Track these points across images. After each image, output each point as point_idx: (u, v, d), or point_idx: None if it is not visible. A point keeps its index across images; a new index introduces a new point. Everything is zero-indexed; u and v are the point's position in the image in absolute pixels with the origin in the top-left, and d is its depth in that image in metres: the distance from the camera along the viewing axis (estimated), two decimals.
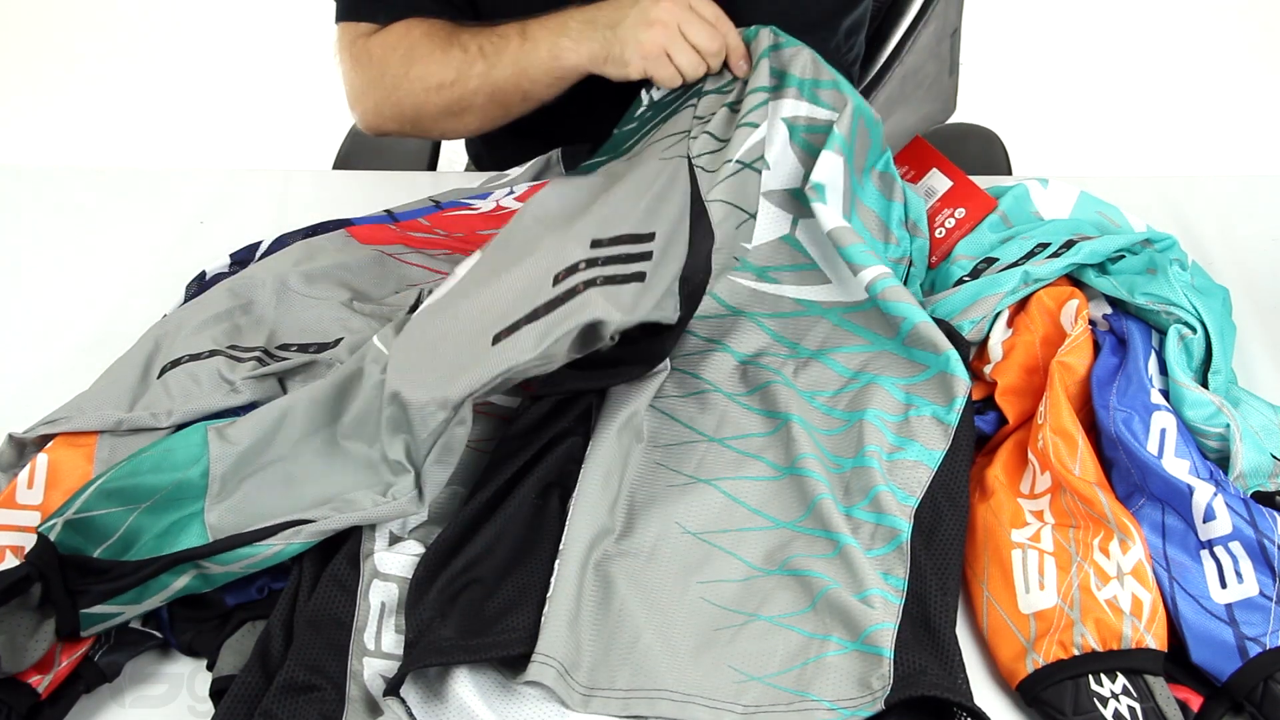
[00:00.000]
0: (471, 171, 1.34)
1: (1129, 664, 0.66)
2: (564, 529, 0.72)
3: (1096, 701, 0.65)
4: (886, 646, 0.66)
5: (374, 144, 1.33)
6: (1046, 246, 0.91)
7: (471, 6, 1.04)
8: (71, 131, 2.57)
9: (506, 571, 0.71)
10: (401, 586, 0.70)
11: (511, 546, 0.72)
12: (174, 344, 0.88)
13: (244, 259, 1.01)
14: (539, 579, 0.70)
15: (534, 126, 1.05)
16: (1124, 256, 0.91)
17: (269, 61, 2.66)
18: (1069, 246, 0.90)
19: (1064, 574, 0.71)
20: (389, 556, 0.71)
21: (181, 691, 0.72)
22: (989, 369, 0.85)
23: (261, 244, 1.02)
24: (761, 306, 0.89)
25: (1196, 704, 0.67)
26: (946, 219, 0.99)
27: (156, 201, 1.17)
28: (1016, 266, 0.89)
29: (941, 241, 0.97)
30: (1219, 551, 0.71)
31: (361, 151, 1.35)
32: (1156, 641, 0.67)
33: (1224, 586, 0.70)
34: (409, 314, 0.87)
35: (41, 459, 0.77)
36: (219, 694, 0.67)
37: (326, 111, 1.08)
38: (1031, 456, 0.78)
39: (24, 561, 0.68)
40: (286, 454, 0.75)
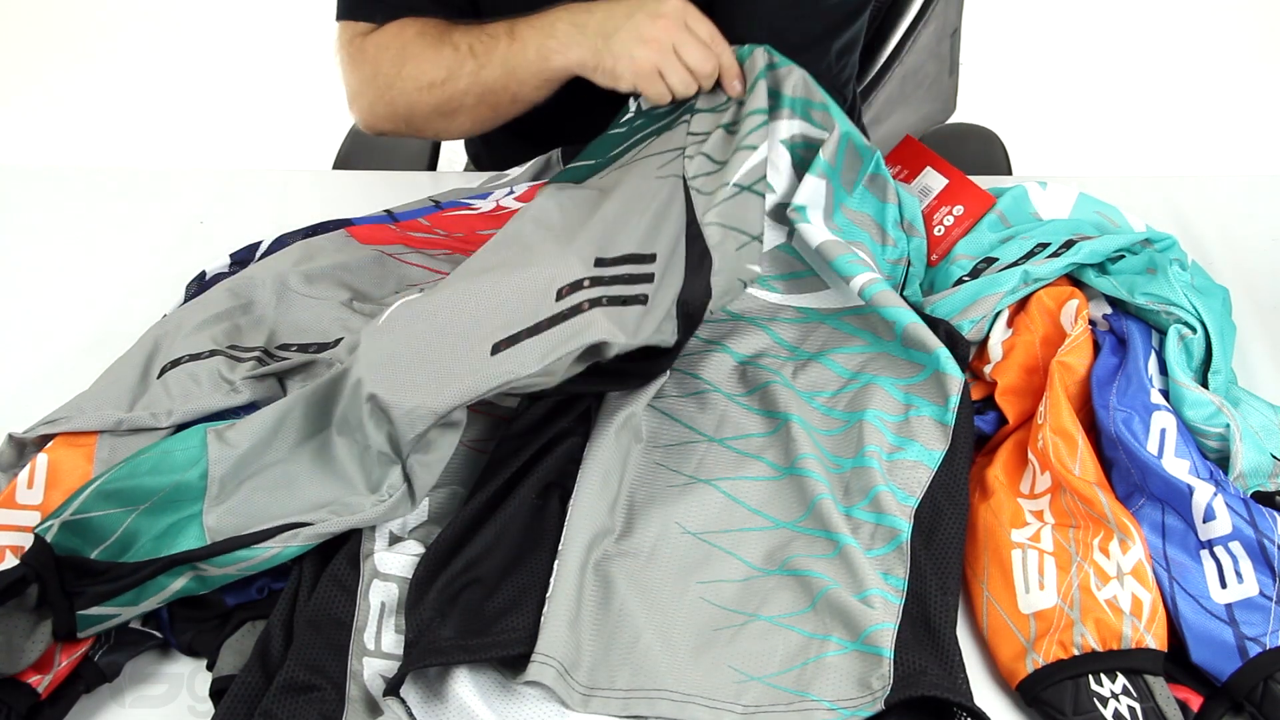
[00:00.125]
0: (471, 171, 1.34)
1: (1129, 664, 0.66)
2: (563, 529, 0.72)
3: (1096, 701, 0.65)
4: (886, 646, 0.66)
5: (374, 144, 1.33)
6: (1046, 246, 0.91)
7: (471, 5, 1.04)
8: (71, 131, 2.57)
9: (506, 571, 0.71)
10: (401, 586, 0.70)
11: (511, 546, 0.72)
12: (174, 344, 0.88)
13: (244, 259, 1.01)
14: (539, 579, 0.70)
15: (533, 127, 1.05)
16: (1124, 256, 0.91)
17: (269, 61, 2.66)
18: (1069, 246, 0.90)
19: (1064, 574, 0.71)
20: (389, 556, 0.71)
21: (181, 691, 0.72)
22: (989, 369, 0.85)
23: (261, 244, 1.02)
24: (762, 313, 0.89)
25: (1196, 704, 0.67)
26: (945, 216, 0.99)
27: (156, 201, 1.17)
28: (1016, 266, 0.89)
29: (941, 239, 0.97)
30: (1219, 551, 0.71)
31: (361, 151, 1.35)
32: (1156, 641, 0.67)
33: (1224, 586, 0.70)
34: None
35: (41, 459, 0.77)
36: (219, 694, 0.67)
37: (326, 111, 1.08)
38: (1031, 456, 0.78)
39: (20, 563, 0.67)
40: (284, 457, 0.75)
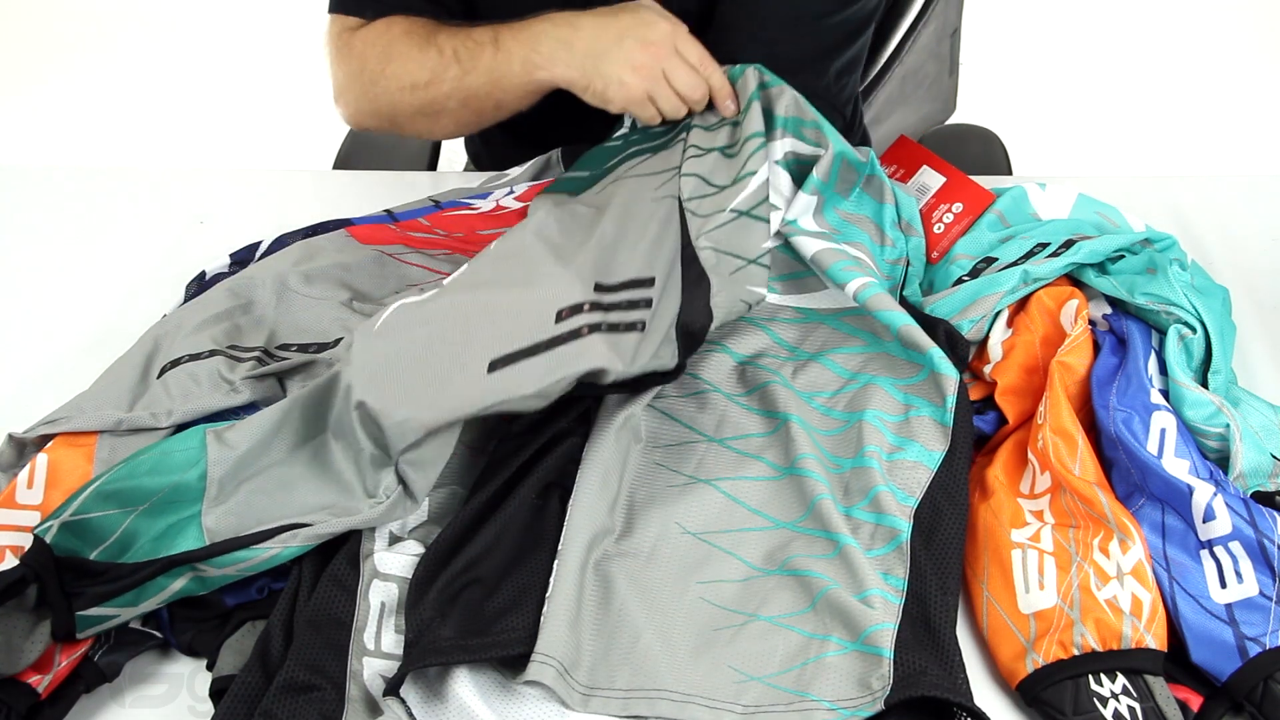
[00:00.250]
0: (471, 171, 1.34)
1: (1129, 664, 0.66)
2: (563, 529, 0.72)
3: (1096, 701, 0.65)
4: (886, 647, 0.66)
5: (374, 144, 1.33)
6: (1046, 246, 0.91)
7: (465, 5, 1.03)
8: (71, 131, 2.57)
9: (506, 571, 0.71)
10: (401, 586, 0.70)
11: (511, 546, 0.72)
12: (174, 344, 0.88)
13: (244, 259, 1.01)
14: (539, 579, 0.70)
15: (533, 128, 1.05)
16: (1124, 256, 0.91)
17: (269, 61, 2.66)
18: (1068, 246, 0.90)
19: (1064, 574, 0.71)
20: (389, 556, 0.71)
21: (181, 691, 0.72)
22: (989, 369, 0.85)
23: (261, 244, 1.02)
24: (762, 313, 0.89)
25: (1196, 704, 0.67)
26: (944, 214, 0.98)
27: (156, 201, 1.17)
28: (1016, 266, 0.89)
29: (941, 237, 0.97)
30: (1219, 551, 0.71)
31: (361, 151, 1.35)
32: (1156, 641, 0.67)
33: (1224, 586, 0.70)
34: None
35: (41, 459, 0.77)
36: (219, 694, 0.67)
37: (326, 111, 1.08)
38: (1031, 456, 0.78)
39: (19, 563, 0.67)
40: (282, 460, 0.75)
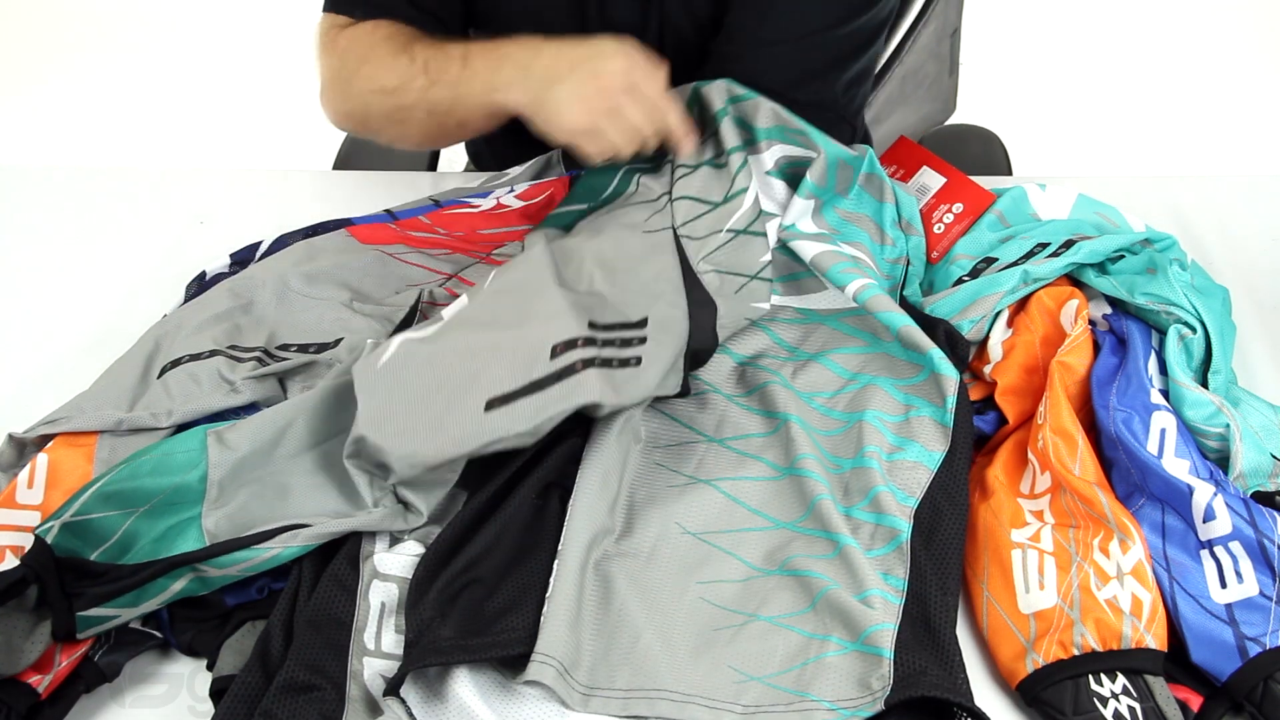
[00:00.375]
0: (471, 171, 1.34)
1: (1129, 664, 0.66)
2: (563, 529, 0.72)
3: (1096, 701, 0.65)
4: (886, 647, 0.66)
5: (374, 144, 1.32)
6: (1046, 246, 0.91)
7: (463, 15, 1.03)
8: (71, 131, 2.57)
9: (506, 571, 0.71)
10: (401, 587, 0.70)
11: (511, 546, 0.72)
12: (174, 344, 0.88)
13: (244, 259, 1.01)
14: (539, 579, 0.70)
15: (539, 137, 1.04)
16: (1124, 256, 0.91)
17: (269, 61, 2.65)
18: (1068, 246, 0.90)
19: (1064, 574, 0.71)
20: (389, 557, 0.71)
21: (181, 691, 0.72)
22: (989, 369, 0.85)
23: (261, 244, 1.02)
24: (762, 314, 0.89)
25: (1196, 704, 0.67)
26: (945, 214, 0.98)
27: (156, 201, 1.17)
28: (1016, 266, 0.89)
29: (941, 236, 0.97)
30: (1219, 551, 0.71)
31: (361, 151, 1.35)
32: (1156, 641, 0.67)
33: (1224, 586, 0.70)
34: (400, 327, 0.87)
35: (41, 459, 0.77)
36: (219, 694, 0.67)
37: None
38: (1031, 456, 0.78)
39: (20, 563, 0.67)
40: (284, 466, 0.75)
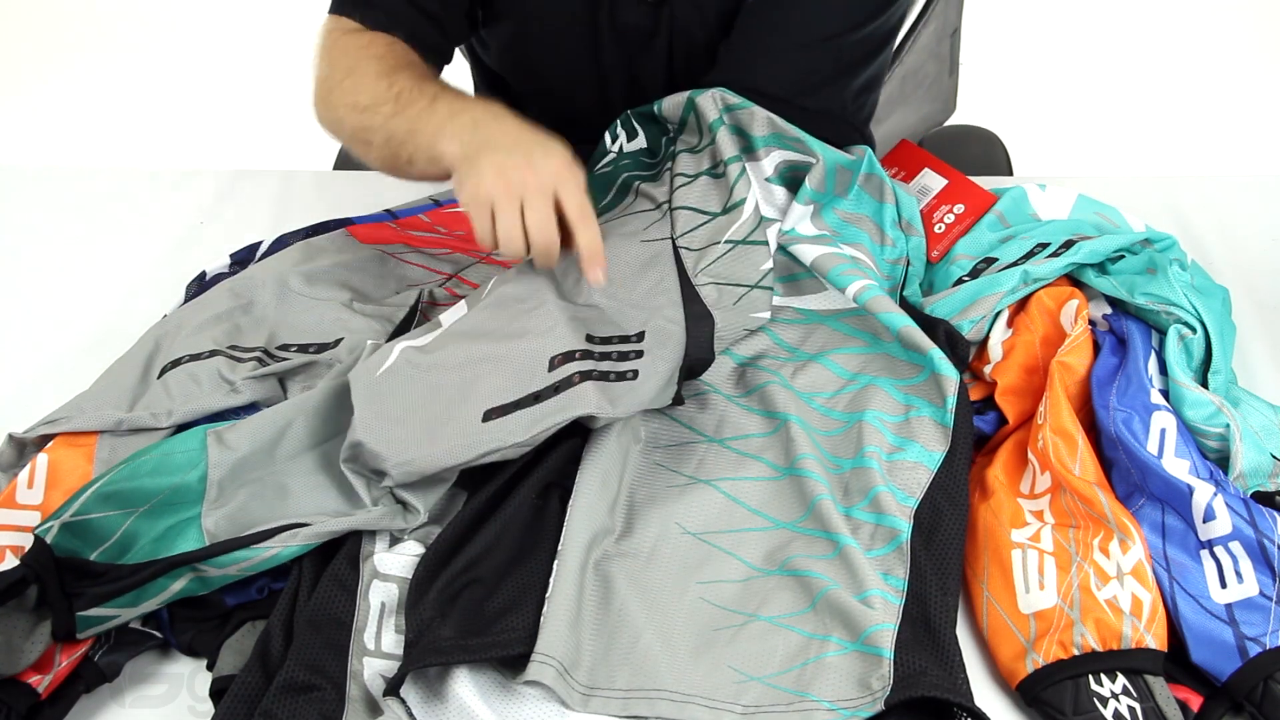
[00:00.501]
0: None
1: (1129, 664, 0.66)
2: (563, 529, 0.72)
3: (1096, 701, 0.65)
4: (886, 647, 0.66)
5: None
6: (1046, 246, 0.91)
7: (469, 9, 1.02)
8: (71, 131, 2.57)
9: (506, 571, 0.71)
10: (401, 586, 0.70)
11: (511, 546, 0.72)
12: (174, 344, 0.88)
13: (244, 259, 1.01)
14: (539, 579, 0.70)
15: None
16: (1124, 256, 0.91)
17: (269, 61, 2.65)
18: (1068, 246, 0.90)
19: (1064, 574, 0.71)
20: (389, 557, 0.71)
21: (181, 691, 0.72)
22: (989, 369, 0.85)
23: (261, 244, 1.02)
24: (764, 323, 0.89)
25: (1196, 704, 0.67)
26: (945, 214, 0.99)
27: (156, 201, 1.17)
28: (1016, 266, 0.89)
29: (942, 236, 0.97)
30: (1219, 551, 0.71)
31: None
32: (1156, 641, 0.67)
33: (1224, 586, 0.70)
34: (400, 327, 0.88)
35: (41, 459, 0.77)
36: (219, 694, 0.67)
37: None
38: (1031, 456, 0.78)
39: (20, 563, 0.68)
40: (284, 466, 0.75)
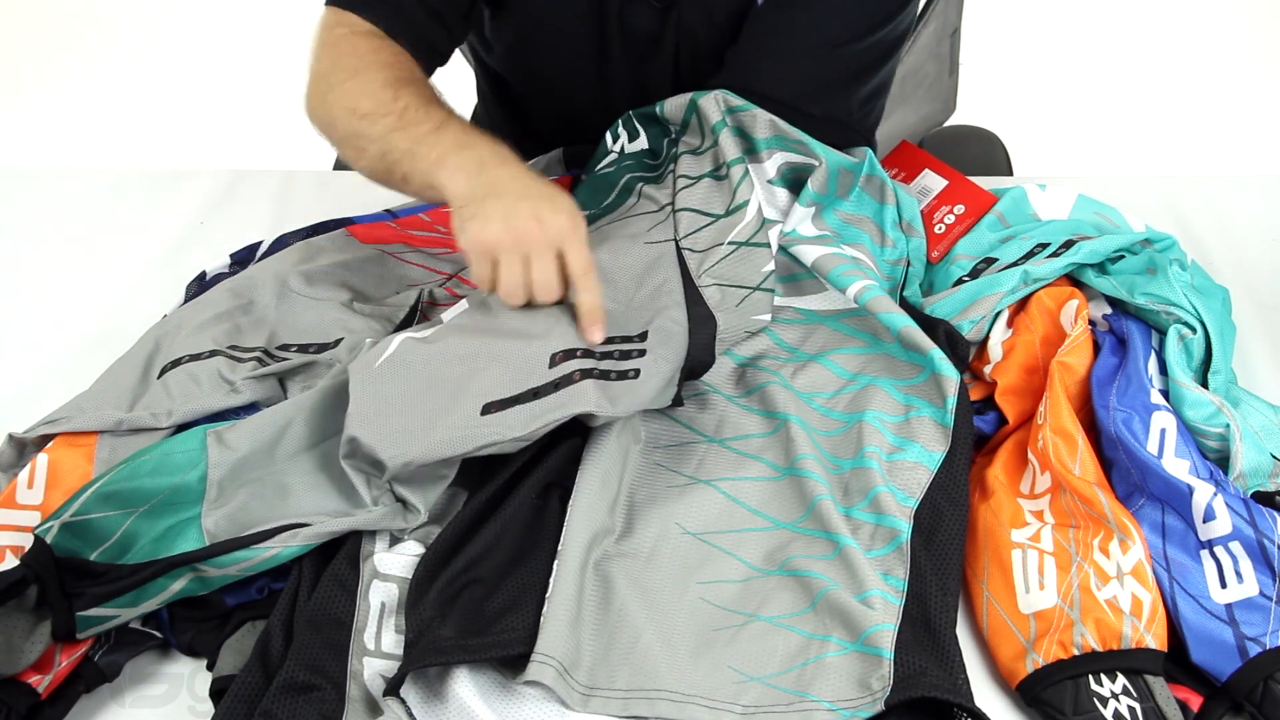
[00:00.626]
0: None
1: (1129, 664, 0.66)
2: (563, 529, 0.72)
3: (1096, 701, 0.65)
4: (886, 647, 0.66)
5: None
6: (1046, 246, 0.91)
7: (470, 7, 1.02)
8: (71, 131, 2.57)
9: (506, 571, 0.71)
10: (401, 586, 0.70)
11: (511, 546, 0.72)
12: (174, 344, 0.88)
13: (244, 259, 1.01)
14: (539, 579, 0.70)
15: (536, 128, 1.04)
16: (1124, 256, 0.91)
17: (269, 61, 2.65)
18: (1068, 246, 0.90)
19: (1064, 574, 0.71)
20: (389, 557, 0.71)
21: (181, 691, 0.72)
22: (989, 369, 0.85)
23: (261, 244, 1.02)
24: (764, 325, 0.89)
25: (1196, 704, 0.67)
26: (946, 215, 0.99)
27: (156, 201, 1.17)
28: (1016, 266, 0.89)
29: (942, 237, 0.97)
30: (1219, 551, 0.71)
31: None
32: (1156, 641, 0.67)
33: (1224, 586, 0.70)
34: (400, 327, 0.88)
35: (41, 459, 0.77)
36: (219, 694, 0.67)
37: None
38: (1031, 456, 0.78)
39: (20, 563, 0.67)
40: (284, 466, 0.75)
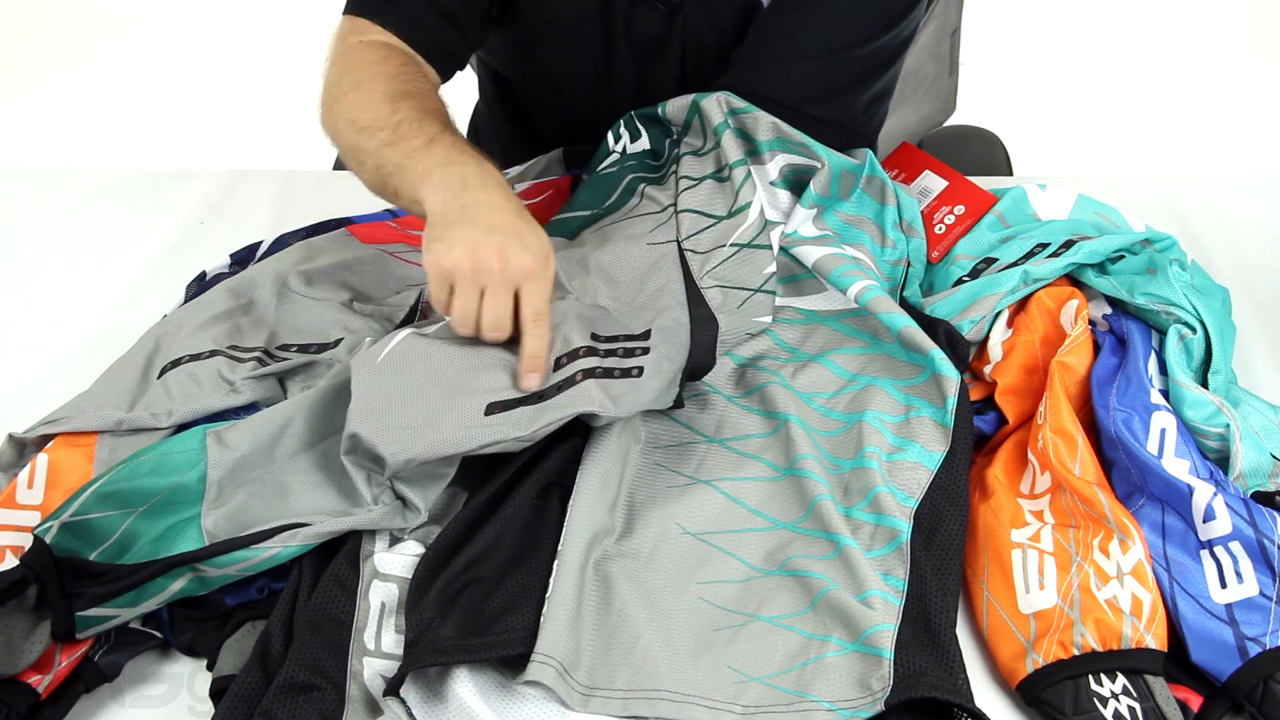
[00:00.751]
0: None
1: (1129, 664, 0.66)
2: (563, 529, 0.72)
3: (1096, 701, 0.65)
4: (886, 648, 0.66)
5: None
6: (1046, 246, 0.91)
7: (486, 9, 1.01)
8: (71, 131, 2.57)
9: (506, 571, 0.71)
10: (401, 586, 0.70)
11: (511, 546, 0.72)
12: (174, 344, 0.88)
13: (244, 259, 1.01)
14: (539, 579, 0.70)
15: (536, 129, 1.04)
16: (1124, 256, 0.91)
17: (269, 61, 2.65)
18: (1068, 246, 0.90)
19: (1064, 574, 0.71)
20: (389, 557, 0.71)
21: (181, 691, 0.72)
22: (989, 369, 0.85)
23: (261, 244, 1.02)
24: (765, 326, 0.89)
25: (1196, 704, 0.67)
26: (946, 215, 0.99)
27: (156, 201, 1.17)
28: (1016, 266, 0.89)
29: (943, 237, 0.97)
30: (1219, 551, 0.71)
31: None
32: (1156, 641, 0.67)
33: (1224, 586, 0.70)
34: (399, 327, 0.87)
35: (41, 459, 0.77)
36: (219, 694, 0.67)
37: None
38: (1031, 456, 0.78)
39: (20, 563, 0.67)
40: (283, 465, 0.75)
